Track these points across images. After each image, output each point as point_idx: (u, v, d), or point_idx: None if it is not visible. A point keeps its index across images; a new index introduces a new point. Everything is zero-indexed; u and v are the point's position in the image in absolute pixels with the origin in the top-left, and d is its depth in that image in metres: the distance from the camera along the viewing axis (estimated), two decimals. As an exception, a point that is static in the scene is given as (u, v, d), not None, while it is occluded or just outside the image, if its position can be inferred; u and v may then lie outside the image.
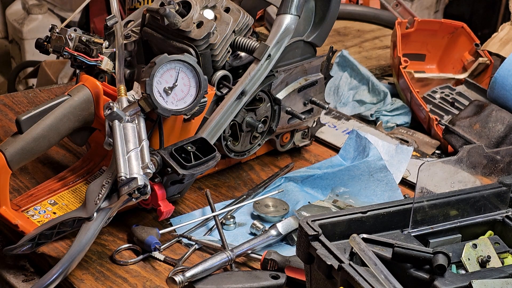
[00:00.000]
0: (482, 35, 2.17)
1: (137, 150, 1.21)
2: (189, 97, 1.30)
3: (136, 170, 1.19)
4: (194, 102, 1.30)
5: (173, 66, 1.28)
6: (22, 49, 3.36)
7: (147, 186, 1.18)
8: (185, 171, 1.26)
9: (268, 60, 1.41)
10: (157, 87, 1.26)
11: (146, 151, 1.21)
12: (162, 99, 1.26)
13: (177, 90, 1.28)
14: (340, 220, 1.10)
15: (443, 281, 1.01)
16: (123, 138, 1.21)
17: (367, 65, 2.03)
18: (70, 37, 1.34)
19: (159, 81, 1.26)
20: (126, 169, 1.18)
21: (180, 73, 1.28)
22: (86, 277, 1.24)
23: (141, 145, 1.22)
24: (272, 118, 1.52)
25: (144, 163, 1.20)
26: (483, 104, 1.71)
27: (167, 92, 1.27)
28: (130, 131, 1.22)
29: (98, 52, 1.33)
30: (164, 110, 1.27)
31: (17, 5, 3.44)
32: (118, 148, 1.20)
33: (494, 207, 1.18)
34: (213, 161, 1.31)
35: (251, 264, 1.30)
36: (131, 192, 1.17)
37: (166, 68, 1.27)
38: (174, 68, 1.28)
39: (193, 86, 1.30)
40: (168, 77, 1.27)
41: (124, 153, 1.20)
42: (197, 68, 1.30)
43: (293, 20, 1.41)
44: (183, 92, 1.29)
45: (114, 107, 1.23)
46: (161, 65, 1.26)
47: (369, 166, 1.48)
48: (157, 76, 1.26)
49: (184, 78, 1.29)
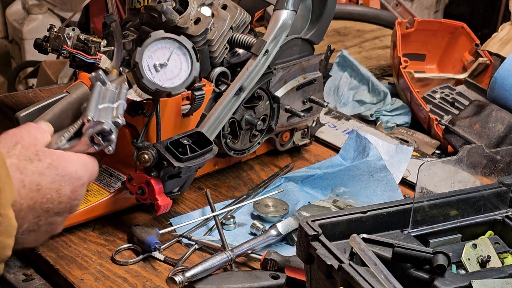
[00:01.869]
0: (482, 35, 2.17)
1: (112, 106, 1.15)
2: (177, 79, 1.28)
3: (105, 116, 1.12)
4: (181, 84, 1.28)
5: (168, 45, 1.27)
6: (22, 49, 3.36)
7: (111, 134, 1.11)
8: (180, 163, 1.26)
9: (266, 56, 1.41)
10: (148, 60, 1.25)
11: (120, 108, 1.15)
12: (150, 73, 1.26)
13: (167, 70, 1.27)
14: (340, 220, 1.10)
15: (443, 281, 1.01)
16: (100, 96, 1.16)
17: (367, 65, 2.03)
18: (69, 36, 1.34)
19: (151, 56, 1.25)
20: (95, 113, 1.11)
21: (173, 54, 1.27)
22: (86, 277, 1.24)
23: (116, 103, 1.16)
24: (271, 116, 1.52)
25: (116, 114, 1.14)
26: (483, 104, 1.71)
27: (156, 68, 1.26)
28: (109, 93, 1.18)
29: (96, 50, 1.33)
30: (148, 82, 1.25)
31: (17, 5, 3.44)
32: (93, 97, 1.15)
33: (494, 207, 1.18)
34: (209, 154, 1.30)
35: (251, 264, 1.30)
36: (93, 136, 1.10)
37: (161, 45, 1.26)
38: (169, 48, 1.27)
39: (184, 69, 1.29)
40: (161, 55, 1.27)
41: (98, 102, 1.14)
42: (192, 53, 1.29)
43: (290, 15, 1.42)
44: (173, 73, 1.28)
45: (101, 73, 1.19)
46: (156, 38, 1.26)
47: (369, 166, 1.48)
48: (149, 50, 1.25)
49: (177, 60, 1.28)
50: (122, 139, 1.36)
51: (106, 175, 1.39)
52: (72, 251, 1.29)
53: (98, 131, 1.10)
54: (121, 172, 1.38)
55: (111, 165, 1.40)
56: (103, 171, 1.40)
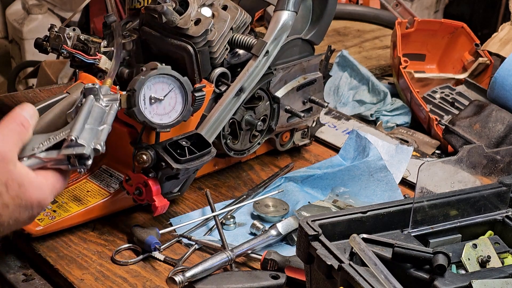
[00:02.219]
0: (482, 35, 2.17)
1: (97, 128, 1.15)
2: (166, 117, 1.28)
3: (88, 140, 1.11)
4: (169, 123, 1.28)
5: (169, 81, 1.27)
6: (22, 49, 3.36)
7: (89, 159, 1.10)
8: (179, 165, 1.26)
9: (266, 57, 1.41)
10: (145, 91, 1.25)
11: (104, 133, 1.14)
12: (143, 103, 1.25)
13: (160, 105, 1.27)
14: (340, 220, 1.10)
15: (443, 281, 1.01)
16: (89, 113, 1.15)
17: (367, 65, 2.03)
18: (69, 36, 1.34)
19: (150, 87, 1.25)
20: (79, 134, 1.10)
21: (171, 92, 1.28)
22: (86, 277, 1.24)
23: (102, 127, 1.15)
24: (271, 116, 1.52)
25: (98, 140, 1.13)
26: (483, 104, 1.71)
27: (151, 101, 1.26)
28: (98, 111, 1.17)
29: (96, 51, 1.33)
30: (139, 113, 1.25)
31: (17, 5, 3.44)
32: (81, 114, 1.14)
33: (494, 207, 1.18)
34: (207, 156, 1.30)
35: (251, 264, 1.30)
36: (70, 156, 1.09)
37: (163, 80, 1.26)
38: (169, 85, 1.27)
39: (176, 110, 1.29)
40: (160, 89, 1.27)
41: (85, 122, 1.13)
42: (188, 97, 1.29)
43: (290, 16, 1.42)
44: (165, 110, 1.28)
45: (97, 86, 1.19)
46: (161, 72, 1.26)
47: (369, 166, 1.48)
48: (150, 81, 1.25)
49: (173, 98, 1.28)
50: (121, 139, 1.36)
51: (106, 176, 1.39)
52: (72, 251, 1.29)
53: (77, 154, 1.09)
54: (121, 172, 1.38)
55: (111, 165, 1.40)
56: (103, 171, 1.40)
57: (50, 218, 1.30)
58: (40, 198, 1.05)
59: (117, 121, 1.37)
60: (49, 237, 1.31)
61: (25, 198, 1.03)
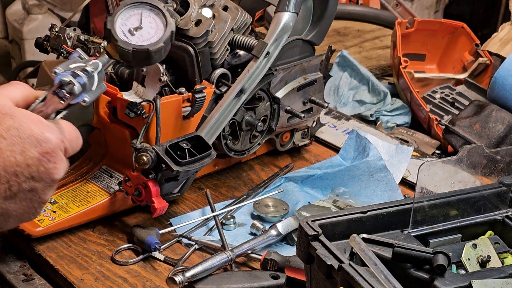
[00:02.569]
0: (482, 35, 2.17)
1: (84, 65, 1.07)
2: (155, 38, 1.26)
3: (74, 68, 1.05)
4: (159, 40, 1.25)
5: (139, 10, 1.26)
6: (22, 49, 3.35)
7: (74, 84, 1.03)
8: (179, 167, 1.26)
9: (267, 58, 1.41)
10: (122, 28, 1.24)
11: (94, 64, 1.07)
12: (126, 38, 1.24)
13: (143, 32, 1.25)
14: (340, 220, 1.10)
15: (443, 281, 1.01)
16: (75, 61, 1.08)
17: (367, 65, 2.03)
18: (69, 36, 1.34)
19: (124, 23, 1.24)
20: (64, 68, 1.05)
21: (146, 17, 1.26)
22: (86, 277, 1.24)
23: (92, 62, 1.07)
24: (271, 117, 1.52)
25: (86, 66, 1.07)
26: (483, 104, 1.71)
27: (131, 32, 1.24)
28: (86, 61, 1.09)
29: (96, 51, 1.32)
30: (124, 44, 1.23)
31: (17, 5, 3.44)
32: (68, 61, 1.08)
33: (494, 207, 1.18)
34: (208, 159, 1.30)
35: (251, 264, 1.30)
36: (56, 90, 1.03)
37: (132, 12, 1.25)
38: (141, 13, 1.26)
39: (160, 28, 1.27)
40: (135, 21, 1.26)
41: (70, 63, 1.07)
42: (164, 12, 1.27)
43: (291, 17, 1.42)
44: (149, 34, 1.26)
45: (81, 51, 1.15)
46: (125, 5, 1.24)
47: (369, 166, 1.48)
48: (122, 18, 1.24)
49: (152, 22, 1.26)
50: (122, 140, 1.36)
51: (106, 176, 1.39)
52: (72, 251, 1.29)
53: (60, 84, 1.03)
54: (121, 173, 1.38)
55: (111, 166, 1.40)
56: (103, 172, 1.40)
57: (50, 219, 1.30)
58: (44, 131, 0.98)
59: (117, 123, 1.37)
60: (49, 237, 1.31)
61: (23, 128, 0.96)
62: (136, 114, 1.31)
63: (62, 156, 1.01)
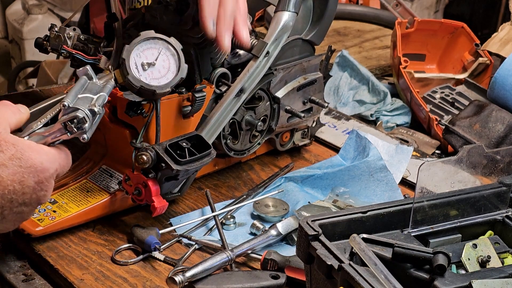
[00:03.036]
0: (482, 35, 2.17)
1: (92, 96, 1.15)
2: (164, 79, 1.27)
3: (82, 104, 1.12)
4: (167, 83, 1.26)
5: (157, 45, 1.26)
6: (22, 49, 3.36)
7: (86, 122, 1.11)
8: (179, 166, 1.26)
9: (267, 57, 1.41)
10: (135, 59, 1.24)
11: (101, 99, 1.15)
12: (137, 71, 1.24)
13: (154, 69, 1.26)
14: (340, 220, 1.10)
15: (443, 281, 1.01)
16: (83, 87, 1.16)
17: (367, 65, 2.03)
18: (69, 36, 1.34)
19: (139, 55, 1.25)
20: (72, 100, 1.11)
21: (161, 54, 1.26)
22: (86, 277, 1.24)
23: (98, 95, 1.16)
24: (271, 116, 1.52)
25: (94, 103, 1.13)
26: (483, 104, 1.71)
27: (143, 67, 1.25)
28: (93, 86, 1.17)
29: (96, 51, 1.33)
30: (134, 79, 1.23)
31: (17, 5, 3.44)
32: (74, 87, 1.15)
33: (494, 207, 1.18)
34: (207, 158, 1.30)
35: (251, 264, 1.30)
36: (66, 122, 1.10)
37: (150, 45, 1.25)
38: (158, 48, 1.26)
39: (172, 71, 1.27)
40: (150, 55, 1.26)
41: (79, 92, 1.14)
42: (180, 55, 1.27)
43: (291, 17, 1.42)
44: (160, 73, 1.26)
45: (89, 68, 1.19)
46: (145, 37, 1.25)
47: (369, 166, 1.48)
48: (138, 49, 1.24)
49: (165, 60, 1.27)
50: (122, 140, 1.36)
51: (106, 176, 1.39)
52: (72, 251, 1.29)
53: (71, 118, 1.09)
54: (121, 173, 1.38)
55: (111, 166, 1.40)
56: (103, 171, 1.40)
57: (50, 218, 1.30)
58: (43, 160, 1.01)
59: (117, 122, 1.37)
60: (49, 237, 1.31)
61: (25, 158, 0.99)
62: (136, 113, 1.31)
63: (53, 183, 1.06)
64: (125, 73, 1.23)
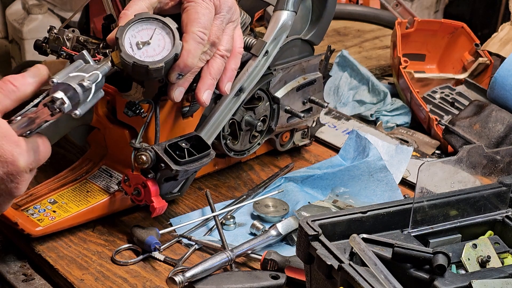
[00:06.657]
0: (482, 35, 2.17)
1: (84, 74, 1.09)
2: (158, 57, 1.25)
3: (72, 80, 1.06)
4: (160, 59, 1.24)
5: (152, 26, 1.24)
6: (22, 49, 3.35)
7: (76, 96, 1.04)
8: (178, 167, 1.26)
9: (266, 57, 1.41)
10: (130, 39, 1.23)
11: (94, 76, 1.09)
12: (131, 50, 1.23)
13: (149, 48, 1.24)
14: (340, 220, 1.10)
15: (443, 281, 1.01)
16: (76, 68, 1.12)
17: (367, 65, 2.03)
18: (68, 37, 1.34)
19: (134, 35, 1.24)
20: (62, 78, 1.06)
21: (156, 34, 1.24)
22: (86, 277, 1.24)
23: (91, 73, 1.11)
24: (271, 117, 1.52)
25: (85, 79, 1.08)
26: (483, 104, 1.71)
27: (138, 46, 1.23)
28: (88, 67, 1.13)
29: (96, 52, 1.32)
30: (127, 56, 1.22)
31: (17, 5, 3.44)
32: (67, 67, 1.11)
33: (494, 207, 1.18)
34: (207, 158, 1.30)
35: (251, 264, 1.30)
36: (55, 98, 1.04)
37: (145, 26, 1.24)
38: (153, 29, 1.25)
39: (167, 48, 1.25)
40: (145, 35, 1.24)
41: (69, 72, 1.09)
42: (175, 33, 1.26)
43: (290, 16, 1.42)
44: (155, 51, 1.24)
45: (85, 53, 1.16)
46: (140, 18, 1.24)
47: (369, 166, 1.48)
48: (133, 30, 1.23)
49: (160, 39, 1.25)
50: (122, 140, 1.36)
51: (106, 176, 1.39)
52: (72, 251, 1.29)
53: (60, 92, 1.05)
54: (121, 173, 1.38)
55: (111, 166, 1.40)
56: (103, 172, 1.40)
57: (50, 218, 1.30)
58: (15, 153, 0.99)
59: (116, 123, 1.37)
60: (49, 237, 1.31)
61: None
62: (135, 114, 1.31)
63: (26, 177, 1.03)
64: (118, 51, 1.21)
